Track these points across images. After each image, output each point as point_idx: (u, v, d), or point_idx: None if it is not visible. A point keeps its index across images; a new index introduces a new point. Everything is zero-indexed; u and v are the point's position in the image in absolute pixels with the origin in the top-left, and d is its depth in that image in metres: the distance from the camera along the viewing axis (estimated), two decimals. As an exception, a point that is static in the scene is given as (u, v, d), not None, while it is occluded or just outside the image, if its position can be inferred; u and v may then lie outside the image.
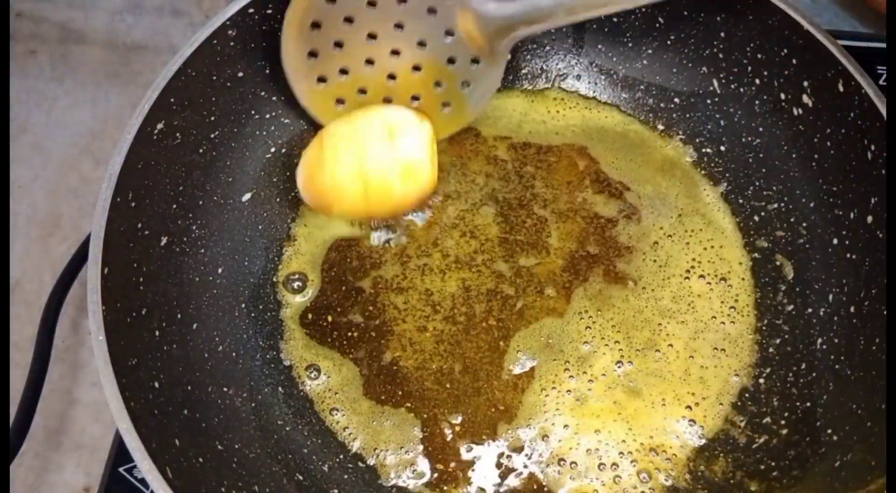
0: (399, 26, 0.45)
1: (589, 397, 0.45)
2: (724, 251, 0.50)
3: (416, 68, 0.47)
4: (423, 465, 0.44)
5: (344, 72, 0.47)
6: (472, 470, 0.44)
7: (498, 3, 0.44)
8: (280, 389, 0.46)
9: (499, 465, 0.44)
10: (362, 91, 0.48)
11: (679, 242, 0.51)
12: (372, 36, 0.45)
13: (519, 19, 0.43)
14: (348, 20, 0.45)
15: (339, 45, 0.45)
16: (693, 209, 0.52)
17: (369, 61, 0.47)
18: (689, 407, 0.45)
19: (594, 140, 0.55)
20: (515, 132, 0.55)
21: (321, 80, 0.47)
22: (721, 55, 0.52)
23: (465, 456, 0.44)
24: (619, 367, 0.46)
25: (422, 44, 0.46)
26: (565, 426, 0.45)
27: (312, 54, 0.46)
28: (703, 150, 0.54)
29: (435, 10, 0.44)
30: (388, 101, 0.48)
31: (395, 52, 0.46)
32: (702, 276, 0.49)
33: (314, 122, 0.51)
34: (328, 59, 0.46)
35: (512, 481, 0.44)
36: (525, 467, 0.44)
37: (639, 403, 0.45)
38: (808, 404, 0.44)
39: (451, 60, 0.46)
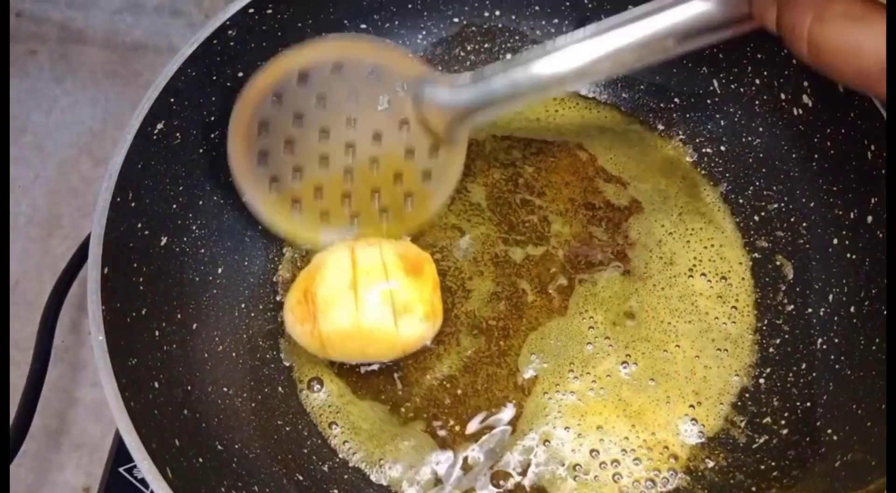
0: (351, 121, 0.43)
1: (591, 398, 0.45)
2: (724, 251, 0.50)
3: (374, 162, 0.44)
4: (426, 468, 0.44)
5: (297, 171, 0.44)
6: (475, 474, 0.44)
7: (451, 91, 0.41)
8: (280, 389, 0.46)
9: (502, 468, 0.44)
10: (319, 189, 0.45)
11: (680, 240, 0.51)
12: (324, 132, 0.43)
13: (474, 105, 0.41)
14: (298, 117, 0.43)
15: (289, 143, 0.43)
16: (693, 209, 0.52)
17: (323, 158, 0.44)
18: (692, 406, 0.45)
19: (594, 139, 0.55)
20: (515, 131, 0.55)
21: (274, 180, 0.44)
22: (721, 55, 0.52)
23: (468, 460, 0.44)
24: (625, 367, 0.46)
25: (377, 137, 0.44)
26: (566, 427, 0.45)
27: (263, 155, 0.43)
28: (703, 150, 0.54)
29: (389, 104, 0.43)
30: (346, 196, 0.45)
31: (350, 147, 0.44)
32: (703, 274, 0.49)
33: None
34: (279, 159, 0.44)
35: (514, 483, 0.43)
36: (528, 469, 0.44)
37: (644, 399, 0.45)
38: (808, 404, 0.44)
39: (409, 152, 0.44)
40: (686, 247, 0.51)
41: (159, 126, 0.43)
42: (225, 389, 0.44)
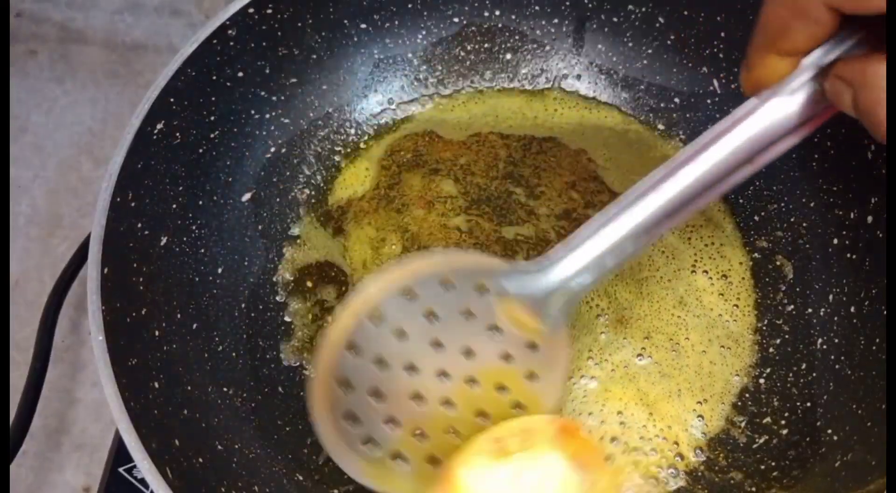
0: (438, 344, 0.39)
1: (612, 384, 0.45)
2: (724, 250, 0.50)
3: (472, 381, 0.39)
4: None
5: (391, 421, 0.39)
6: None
7: (536, 277, 0.37)
8: (280, 389, 0.46)
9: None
10: (421, 434, 0.39)
11: (681, 237, 0.51)
12: (411, 368, 0.39)
13: (564, 287, 0.37)
14: (380, 362, 0.38)
15: (377, 394, 0.38)
16: (693, 209, 0.52)
17: (417, 397, 0.39)
18: (699, 402, 0.45)
19: (593, 139, 0.55)
20: (515, 130, 0.55)
21: (369, 441, 0.39)
22: (721, 55, 0.52)
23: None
24: (641, 359, 0.46)
25: (468, 353, 0.39)
26: (590, 413, 0.45)
27: (350, 417, 0.38)
28: (703, 150, 0.54)
29: (472, 313, 0.38)
30: (450, 431, 0.40)
31: (442, 373, 0.39)
32: (705, 271, 0.49)
33: (312, 122, 0.51)
34: (370, 415, 0.38)
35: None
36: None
37: (658, 391, 0.45)
38: (808, 404, 0.44)
39: (506, 357, 0.39)
40: (687, 244, 0.50)
41: (159, 126, 0.43)
42: (225, 389, 0.44)
